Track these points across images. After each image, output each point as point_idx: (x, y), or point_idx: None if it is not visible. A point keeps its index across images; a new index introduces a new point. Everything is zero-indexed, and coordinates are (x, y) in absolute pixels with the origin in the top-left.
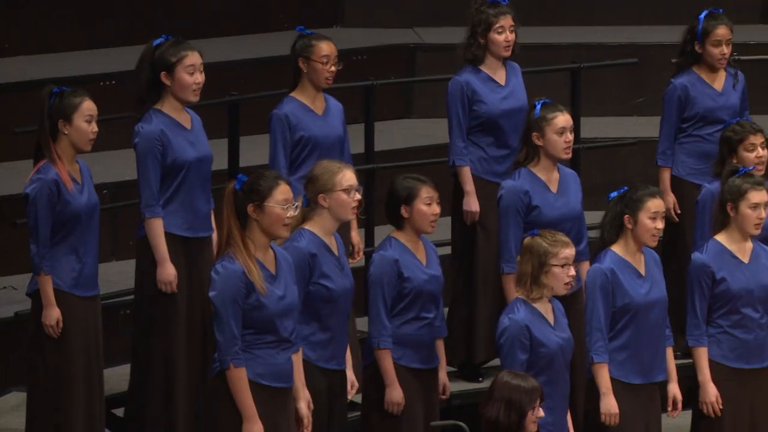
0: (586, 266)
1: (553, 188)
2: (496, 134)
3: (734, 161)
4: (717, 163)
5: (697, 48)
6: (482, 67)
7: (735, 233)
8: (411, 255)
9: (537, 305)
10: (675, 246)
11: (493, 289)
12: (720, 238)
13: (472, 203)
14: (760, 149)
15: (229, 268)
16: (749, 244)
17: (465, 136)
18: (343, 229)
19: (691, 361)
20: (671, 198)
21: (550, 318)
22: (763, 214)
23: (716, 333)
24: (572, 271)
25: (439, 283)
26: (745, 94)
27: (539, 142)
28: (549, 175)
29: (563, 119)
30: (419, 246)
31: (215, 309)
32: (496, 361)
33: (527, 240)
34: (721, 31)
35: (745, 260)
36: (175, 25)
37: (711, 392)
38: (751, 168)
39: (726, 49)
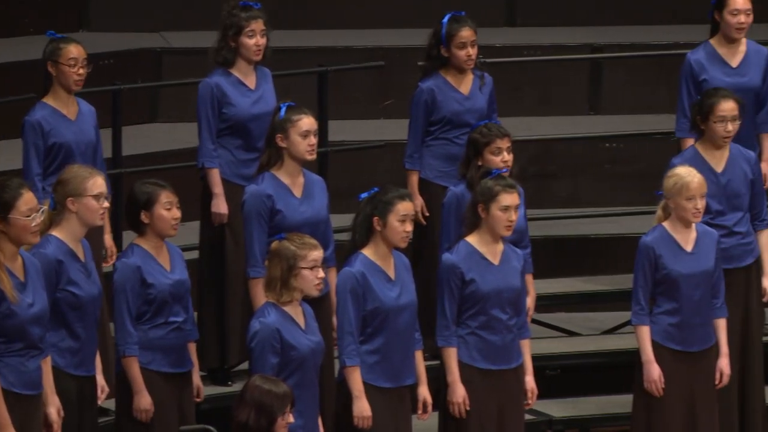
0: (332, 272)
1: (297, 193)
2: (244, 137)
3: (479, 164)
4: (462, 165)
5: (442, 51)
6: (233, 71)
7: (486, 235)
8: (153, 261)
9: (287, 309)
10: (423, 248)
11: (243, 292)
12: (470, 239)
13: (220, 205)
14: (506, 153)
15: None
16: (500, 246)
17: (214, 138)
18: (97, 233)
19: (439, 362)
20: (419, 200)
21: (301, 321)
22: (514, 217)
23: (465, 334)
24: (321, 273)
25: (185, 287)
26: (493, 97)
27: (283, 144)
28: (293, 180)
29: (308, 121)
30: (162, 251)
31: None
32: (246, 365)
33: (275, 244)
34: (465, 33)
35: (495, 262)
36: None
37: (459, 393)
38: (504, 170)
39: (471, 51)
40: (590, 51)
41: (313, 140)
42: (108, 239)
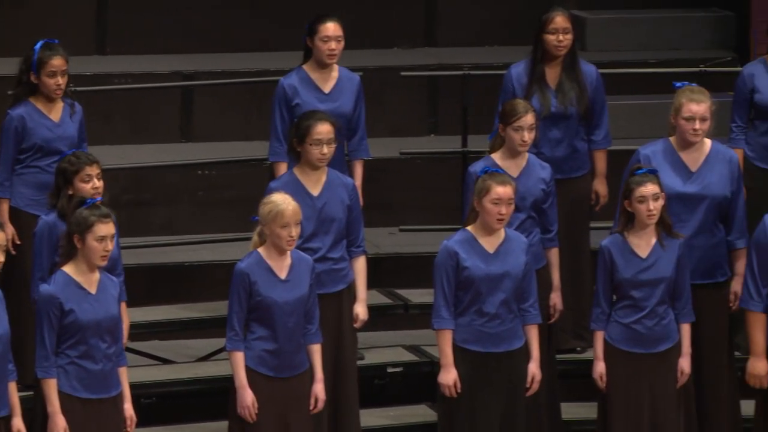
0: None
1: None
2: None
3: (70, 192)
4: (52, 195)
5: (32, 79)
6: None
7: (82, 264)
8: None
9: None
10: (13, 277)
11: None
12: (67, 269)
13: None
14: (96, 180)
15: None
16: (96, 275)
17: None
18: None
19: (33, 393)
20: (10, 229)
21: None
22: (110, 246)
23: (65, 364)
24: None
25: None
26: (83, 126)
27: None
28: None
29: None
30: None
31: None
32: None
33: None
34: (56, 62)
35: (93, 291)
36: None
37: (59, 424)
38: (98, 199)
39: (61, 80)
40: (181, 79)
41: None
42: None
